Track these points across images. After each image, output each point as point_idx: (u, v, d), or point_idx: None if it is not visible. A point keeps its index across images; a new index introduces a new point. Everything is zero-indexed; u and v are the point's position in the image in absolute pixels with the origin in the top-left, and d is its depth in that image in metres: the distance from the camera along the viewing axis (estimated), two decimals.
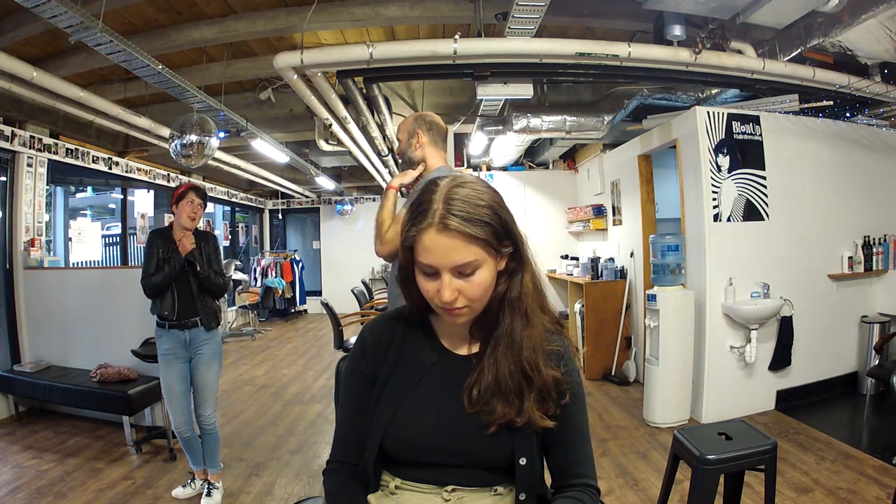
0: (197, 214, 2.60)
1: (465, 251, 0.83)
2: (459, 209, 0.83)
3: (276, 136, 5.09)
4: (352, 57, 2.97)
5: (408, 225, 0.87)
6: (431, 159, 1.97)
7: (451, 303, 0.85)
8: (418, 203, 0.87)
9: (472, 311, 0.89)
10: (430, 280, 0.86)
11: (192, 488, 2.65)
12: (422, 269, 0.87)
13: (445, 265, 0.84)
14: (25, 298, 4.02)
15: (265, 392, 4.67)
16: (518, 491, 0.90)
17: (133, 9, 3.06)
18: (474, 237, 0.83)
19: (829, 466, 2.72)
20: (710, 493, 1.70)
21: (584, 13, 3.10)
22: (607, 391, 4.36)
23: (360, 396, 0.97)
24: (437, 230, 0.83)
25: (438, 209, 0.84)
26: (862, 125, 4.01)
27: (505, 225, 0.87)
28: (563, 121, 4.26)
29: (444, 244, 0.83)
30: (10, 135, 3.93)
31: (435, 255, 0.84)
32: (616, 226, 5.02)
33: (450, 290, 0.84)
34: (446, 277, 0.84)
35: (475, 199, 0.85)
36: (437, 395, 0.92)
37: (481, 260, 0.85)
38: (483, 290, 0.87)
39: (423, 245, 0.84)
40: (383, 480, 0.95)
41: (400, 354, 0.96)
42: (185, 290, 2.57)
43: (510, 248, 0.90)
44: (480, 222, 0.84)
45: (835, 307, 3.88)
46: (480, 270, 0.85)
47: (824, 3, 2.49)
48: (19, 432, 3.58)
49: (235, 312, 8.24)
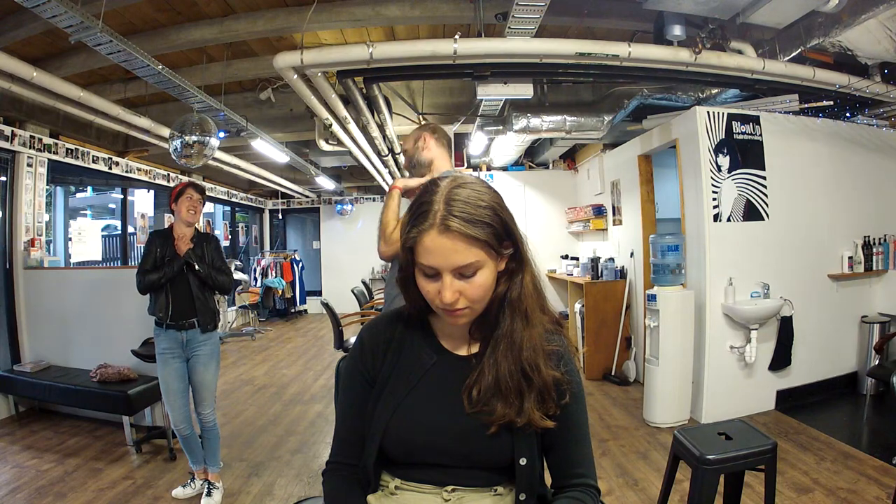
0: (196, 209, 2.62)
1: (467, 253, 0.83)
2: (460, 210, 0.83)
3: (276, 136, 5.08)
4: (352, 57, 2.97)
5: (409, 226, 0.87)
6: (439, 161, 1.98)
7: (452, 304, 0.85)
8: (419, 204, 0.87)
9: (473, 312, 0.89)
10: (430, 281, 0.86)
11: (192, 488, 2.65)
12: (423, 270, 0.86)
13: (446, 266, 0.84)
14: (25, 298, 4.02)
15: (265, 392, 4.67)
16: (518, 491, 0.90)
17: (133, 9, 3.06)
18: (475, 238, 0.83)
19: (829, 466, 2.72)
20: (710, 493, 1.71)
21: (584, 13, 3.09)
22: (607, 391, 4.35)
23: (358, 397, 0.97)
24: (438, 231, 0.83)
25: (440, 210, 0.84)
26: (862, 125, 4.01)
27: (505, 226, 0.87)
28: (563, 121, 4.26)
29: (446, 245, 0.83)
30: (10, 135, 3.93)
31: (436, 257, 0.84)
32: (616, 226, 5.02)
33: (451, 292, 0.84)
34: (447, 279, 0.84)
35: (476, 200, 0.85)
36: (437, 395, 0.92)
37: (482, 261, 0.85)
38: (484, 291, 0.87)
39: (424, 246, 0.84)
40: (383, 481, 0.95)
41: (399, 355, 0.96)
42: (182, 292, 2.57)
43: (510, 249, 0.90)
44: (481, 223, 0.84)
45: (835, 307, 3.88)
46: (481, 272, 0.86)
47: (824, 3, 2.49)
48: (19, 432, 3.57)
49: (235, 312, 8.24)
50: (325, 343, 6.91)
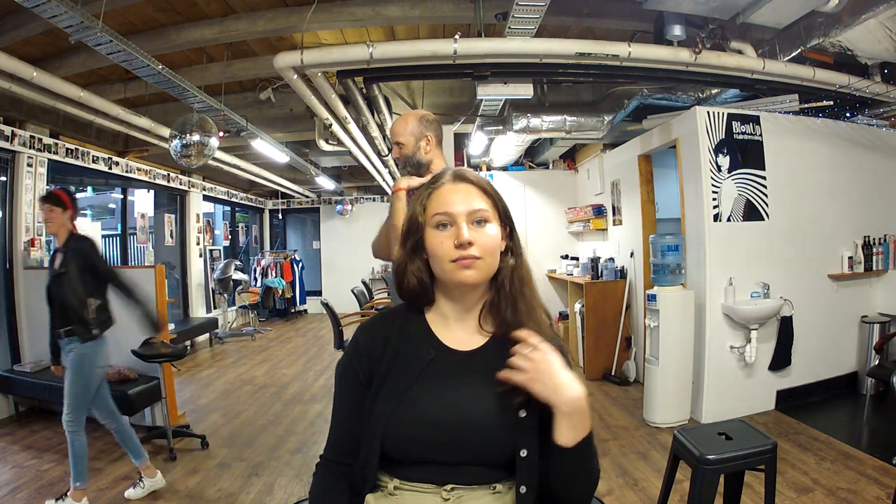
0: (48, 219, 2.59)
1: (481, 199, 0.93)
2: (470, 173, 0.97)
3: (276, 136, 5.09)
4: (352, 57, 2.97)
5: (422, 189, 0.97)
6: (437, 160, 1.92)
7: (467, 246, 0.89)
8: (433, 177, 0.99)
9: (484, 267, 0.92)
10: (442, 231, 0.92)
11: (141, 487, 2.66)
12: (436, 222, 0.92)
13: (462, 210, 0.91)
14: (25, 298, 4.01)
15: (265, 392, 4.67)
16: (519, 484, 0.90)
17: (133, 9, 3.06)
18: (486, 191, 0.95)
19: (829, 466, 2.72)
20: (710, 493, 1.70)
21: (584, 13, 3.10)
22: (607, 391, 4.35)
23: (353, 397, 0.96)
24: (453, 182, 0.95)
25: (451, 172, 0.97)
26: (862, 125, 4.01)
27: (505, 208, 0.97)
28: (563, 121, 4.26)
29: (461, 190, 0.93)
30: (10, 135, 3.93)
31: (451, 203, 0.92)
32: (616, 226, 5.02)
33: (466, 233, 0.89)
34: (462, 222, 0.90)
35: (479, 175, 0.98)
36: (437, 390, 0.92)
37: (492, 214, 0.93)
38: (495, 244, 0.93)
39: (439, 197, 0.94)
40: (381, 481, 0.94)
41: (397, 352, 0.95)
42: (55, 300, 2.58)
43: (508, 229, 0.98)
44: (489, 187, 0.96)
45: (835, 307, 3.88)
46: (491, 224, 0.93)
47: (824, 3, 2.49)
48: (19, 432, 3.58)
49: (235, 312, 8.24)
50: (325, 343, 6.91)
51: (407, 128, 1.93)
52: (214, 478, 2.89)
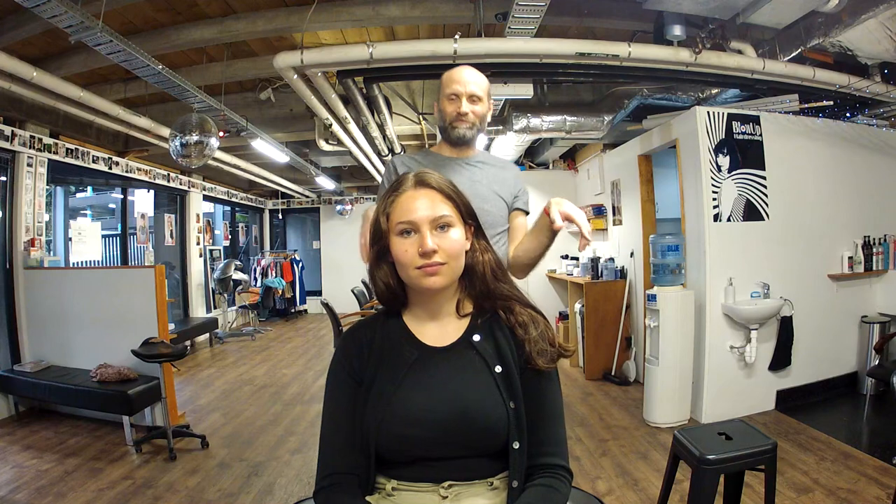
0: None
1: (442, 204, 0.95)
2: (431, 177, 0.98)
3: (276, 136, 5.09)
4: (352, 57, 2.97)
5: (385, 196, 0.98)
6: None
7: (431, 255, 0.90)
8: (395, 182, 0.99)
9: (449, 272, 0.94)
10: (406, 238, 0.92)
11: None
12: (399, 230, 0.93)
13: (425, 218, 0.92)
14: (25, 298, 4.01)
15: (265, 392, 4.67)
16: (511, 478, 0.91)
17: (133, 9, 3.06)
18: (448, 196, 0.96)
19: (829, 466, 2.72)
20: (710, 493, 1.70)
21: (584, 13, 3.10)
22: (607, 391, 4.35)
23: (350, 401, 0.96)
24: (414, 187, 0.96)
25: (413, 177, 0.98)
26: (862, 125, 4.01)
27: (467, 205, 1.00)
28: (563, 121, 4.26)
29: (423, 196, 0.94)
30: (10, 135, 3.93)
31: (414, 210, 0.93)
32: (616, 226, 5.02)
33: (429, 240, 0.91)
34: (425, 230, 0.92)
35: (441, 178, 0.99)
36: (425, 388, 0.93)
37: (455, 219, 0.96)
38: (459, 247, 0.95)
39: (401, 205, 0.94)
40: (379, 483, 0.95)
41: (381, 356, 0.97)
42: None
43: (472, 226, 1.01)
44: (451, 190, 0.98)
45: (835, 307, 3.88)
46: (454, 229, 0.95)
47: (824, 3, 2.49)
48: (19, 432, 3.57)
49: (235, 312, 8.24)
50: (325, 343, 6.91)
51: (486, 84, 1.50)
52: (214, 478, 2.89)
